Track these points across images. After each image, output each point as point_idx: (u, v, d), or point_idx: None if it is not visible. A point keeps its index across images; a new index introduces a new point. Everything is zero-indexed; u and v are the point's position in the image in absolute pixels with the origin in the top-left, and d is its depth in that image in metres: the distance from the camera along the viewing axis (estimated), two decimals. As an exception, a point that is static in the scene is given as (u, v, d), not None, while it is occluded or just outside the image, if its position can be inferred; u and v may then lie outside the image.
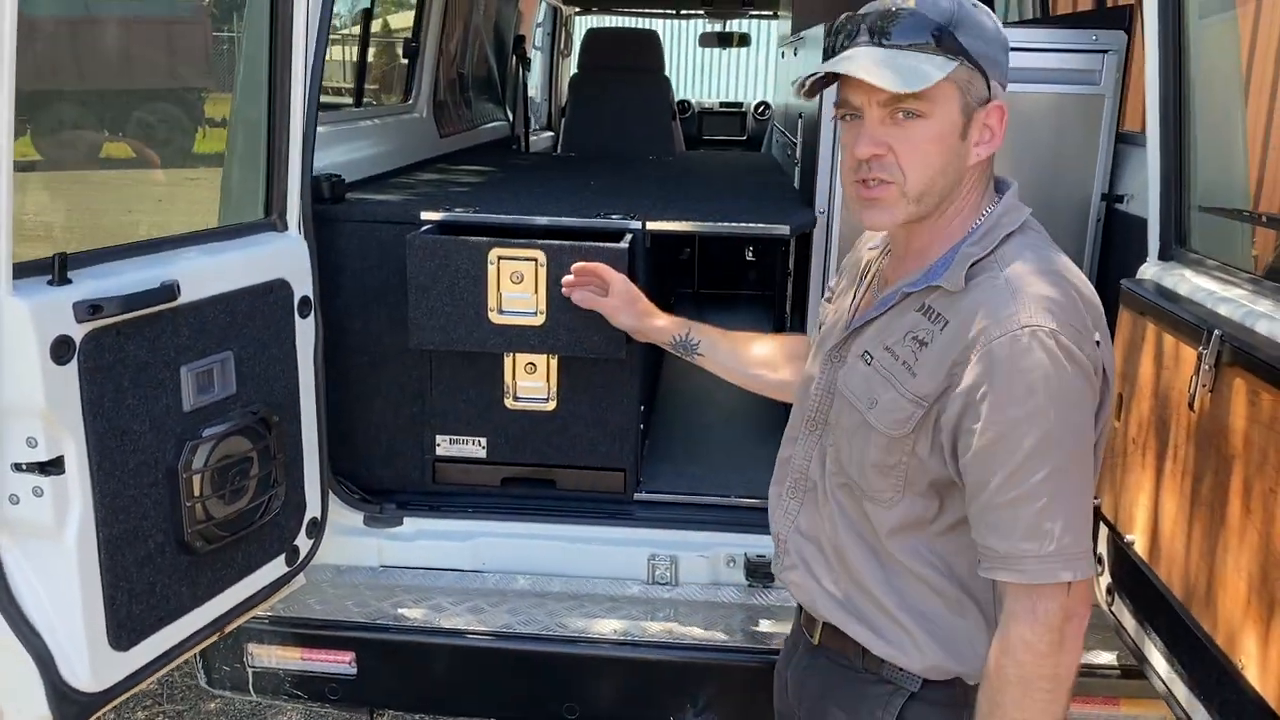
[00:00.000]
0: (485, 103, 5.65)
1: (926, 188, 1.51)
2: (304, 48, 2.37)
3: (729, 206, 3.22)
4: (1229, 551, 1.81)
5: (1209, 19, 2.37)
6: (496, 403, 2.84)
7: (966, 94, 1.47)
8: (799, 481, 1.79)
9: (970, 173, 1.53)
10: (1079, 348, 1.43)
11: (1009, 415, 1.42)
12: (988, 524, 1.49)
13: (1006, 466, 1.44)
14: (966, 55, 1.45)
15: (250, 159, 2.49)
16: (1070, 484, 1.45)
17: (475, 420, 2.88)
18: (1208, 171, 2.38)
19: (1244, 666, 1.75)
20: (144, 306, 1.99)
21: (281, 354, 2.41)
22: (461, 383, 2.86)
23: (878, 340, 1.60)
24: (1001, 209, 1.54)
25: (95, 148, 11.01)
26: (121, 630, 2.03)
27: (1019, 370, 1.42)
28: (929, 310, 1.52)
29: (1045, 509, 1.43)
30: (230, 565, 2.31)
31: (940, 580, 1.62)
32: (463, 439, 2.89)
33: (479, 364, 2.83)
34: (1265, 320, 1.84)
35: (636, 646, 2.57)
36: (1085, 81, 2.93)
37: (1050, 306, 1.44)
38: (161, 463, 2.09)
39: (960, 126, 1.49)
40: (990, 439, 1.44)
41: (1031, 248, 1.52)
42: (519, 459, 2.90)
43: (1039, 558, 1.44)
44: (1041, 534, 1.44)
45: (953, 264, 1.51)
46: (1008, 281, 1.46)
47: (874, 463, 1.59)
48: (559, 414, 2.82)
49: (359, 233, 2.83)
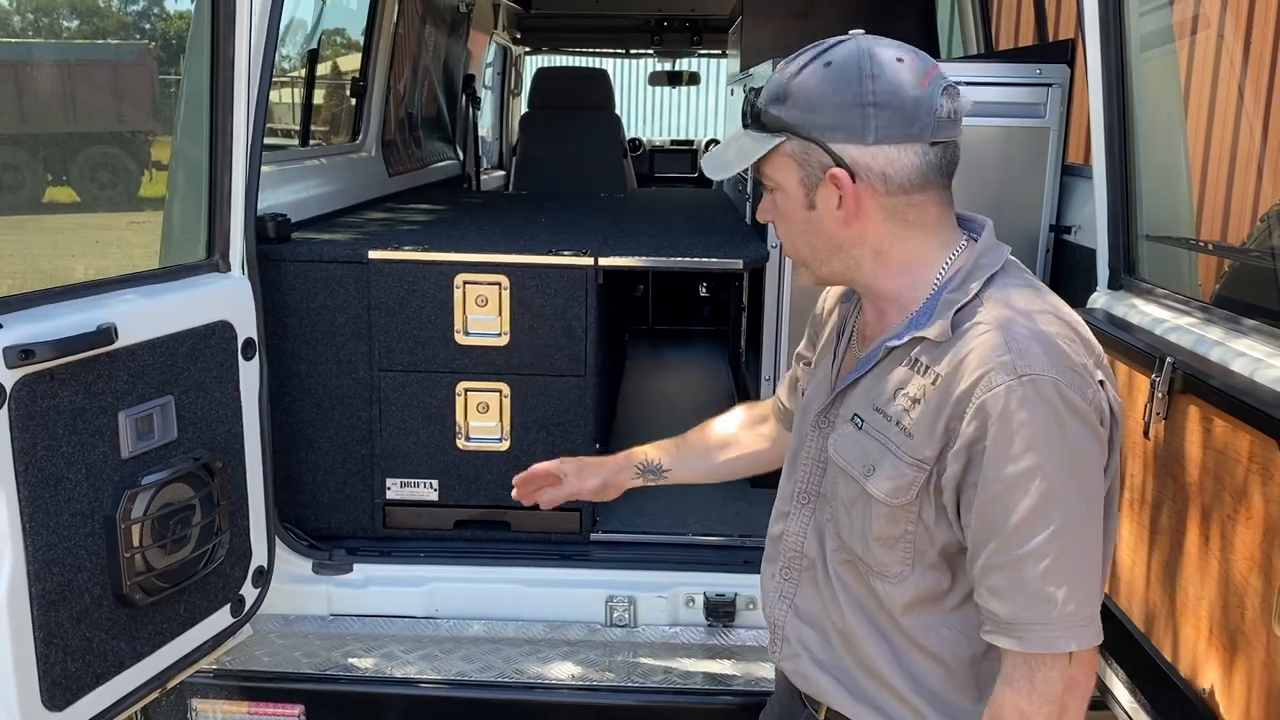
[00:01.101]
0: (435, 141, 5.62)
1: (798, 255, 1.53)
2: (246, 86, 2.33)
3: (682, 242, 3.21)
4: (1189, 580, 1.81)
5: (1149, 52, 2.40)
6: (448, 444, 2.80)
7: (804, 165, 1.44)
8: (794, 560, 1.65)
9: (860, 236, 1.46)
10: (1080, 394, 1.35)
11: (1007, 472, 1.34)
12: (988, 587, 1.39)
13: (1006, 526, 1.35)
14: (793, 130, 1.43)
15: (192, 199, 2.44)
16: (1076, 544, 1.35)
17: (426, 462, 2.82)
18: (1153, 201, 2.41)
19: (1208, 695, 1.74)
20: (79, 351, 1.92)
21: (225, 397, 2.35)
22: (411, 424, 2.81)
23: (866, 401, 1.51)
24: (980, 249, 1.46)
25: (37, 192, 10.84)
26: (56, 689, 1.94)
27: (1017, 423, 1.33)
28: (916, 363, 1.44)
29: (1048, 571, 1.34)
30: (172, 618, 2.23)
31: (956, 658, 1.51)
32: (414, 481, 2.83)
33: (429, 404, 2.79)
34: (1217, 348, 1.85)
35: (595, 691, 2.52)
36: (1030, 114, 2.97)
37: (1047, 351, 1.35)
38: (98, 512, 2.01)
39: (803, 198, 1.46)
40: (990, 497, 1.36)
41: (1018, 288, 1.44)
42: (472, 501, 2.85)
43: (1043, 625, 1.35)
44: (1045, 599, 1.34)
45: (935, 312, 1.43)
46: (998, 327, 1.37)
47: (878, 536, 1.48)
48: (512, 453, 2.77)
49: (305, 272, 2.78)
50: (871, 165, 1.41)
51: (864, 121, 1.39)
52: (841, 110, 1.40)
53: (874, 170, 1.41)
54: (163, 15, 13.11)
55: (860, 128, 1.39)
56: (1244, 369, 1.73)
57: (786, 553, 1.66)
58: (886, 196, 1.43)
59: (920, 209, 1.44)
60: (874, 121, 1.39)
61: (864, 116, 1.39)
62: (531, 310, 2.76)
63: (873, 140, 1.40)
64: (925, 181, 1.42)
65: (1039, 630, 1.35)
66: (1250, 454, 1.61)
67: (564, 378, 2.80)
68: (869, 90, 1.39)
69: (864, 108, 1.39)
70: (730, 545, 2.93)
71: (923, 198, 1.44)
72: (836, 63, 1.41)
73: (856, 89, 1.39)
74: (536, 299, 2.76)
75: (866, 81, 1.39)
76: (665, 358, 5.51)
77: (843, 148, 1.41)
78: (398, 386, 2.80)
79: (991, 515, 1.36)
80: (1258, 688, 1.59)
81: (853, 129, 1.40)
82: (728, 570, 2.78)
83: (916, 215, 1.45)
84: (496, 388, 2.78)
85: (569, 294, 2.76)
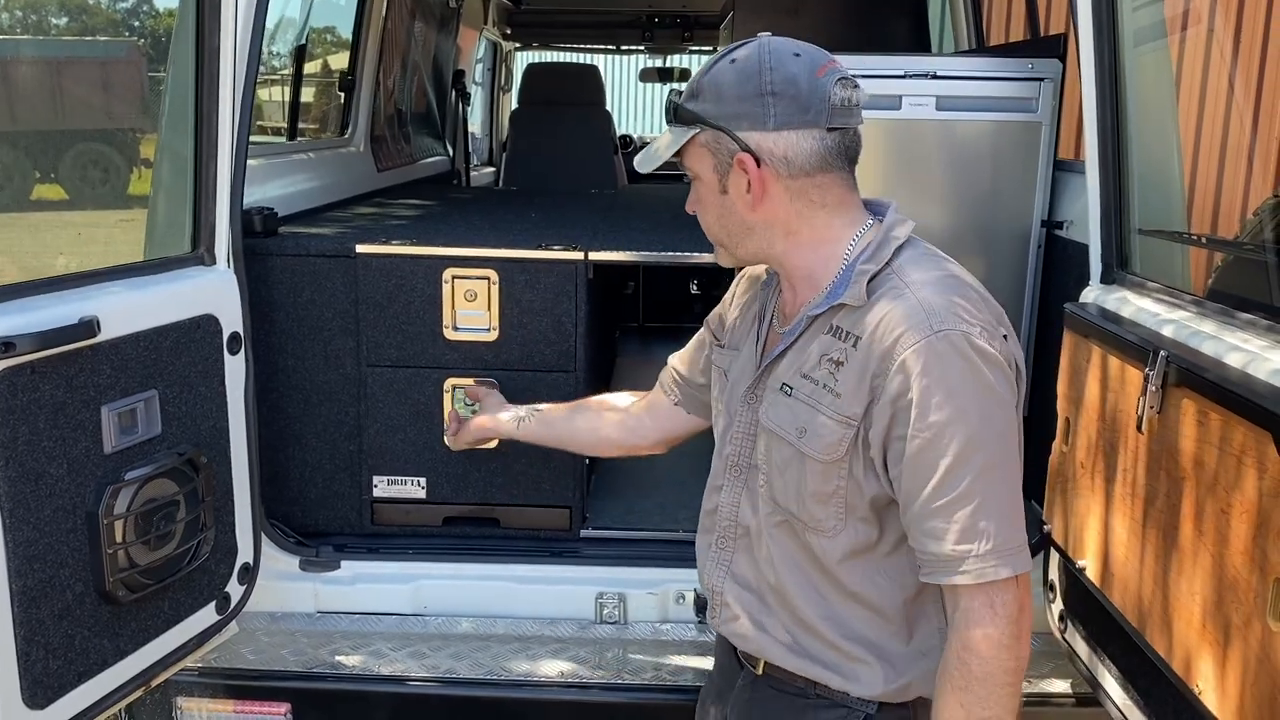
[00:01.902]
0: (424, 137, 5.59)
1: (715, 237, 1.68)
2: (232, 76, 2.30)
3: (673, 237, 3.19)
4: (1182, 575, 1.79)
5: (1142, 47, 2.39)
6: (436, 440, 2.77)
7: (716, 154, 1.58)
8: (729, 529, 1.77)
9: (769, 216, 1.59)
10: (990, 345, 1.48)
11: (932, 420, 1.46)
12: (923, 531, 1.51)
13: (936, 472, 1.47)
14: (704, 120, 1.57)
15: (177, 191, 2.41)
16: (999, 481, 1.49)
17: (414, 459, 2.80)
18: (1145, 195, 2.40)
19: (1201, 691, 1.72)
20: (61, 344, 1.89)
21: (210, 392, 2.32)
22: (399, 420, 2.78)
23: (793, 370, 1.62)
24: (888, 224, 1.60)
25: (24, 190, 10.78)
26: (37, 688, 1.91)
27: (938, 375, 1.45)
28: (837, 330, 1.56)
29: (978, 509, 1.46)
30: (156, 615, 2.21)
31: (890, 603, 1.63)
32: (401, 479, 2.81)
33: (417, 400, 2.77)
34: (1210, 341, 1.84)
35: (585, 688, 2.49)
36: (1022, 109, 2.96)
37: (957, 309, 1.48)
38: (80, 508, 1.98)
39: (716, 184, 1.61)
40: (917, 446, 1.47)
41: (925, 256, 1.59)
42: (461, 498, 2.83)
43: (978, 558, 1.47)
44: (976, 534, 1.46)
45: (850, 281, 1.56)
46: (911, 289, 1.51)
47: (812, 492, 1.60)
48: (501, 449, 2.75)
49: (292, 266, 2.75)
50: (774, 150, 1.54)
51: (764, 109, 1.53)
52: (744, 100, 1.54)
53: (776, 154, 1.55)
54: (152, 12, 13.06)
55: (762, 115, 1.53)
56: (1238, 362, 1.72)
57: (721, 523, 1.78)
58: (790, 179, 1.56)
59: (823, 190, 1.58)
60: (773, 109, 1.53)
61: (764, 105, 1.53)
62: (521, 305, 2.74)
63: (773, 126, 1.53)
64: (825, 164, 1.56)
65: (978, 561, 1.47)
66: (1244, 447, 1.60)
67: (553, 373, 2.78)
68: (767, 81, 1.53)
69: (763, 97, 1.53)
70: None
71: (825, 179, 1.57)
72: (740, 59, 1.56)
73: (756, 80, 1.53)
74: (526, 294, 2.74)
75: (765, 73, 1.53)
76: (656, 355, 5.46)
77: (748, 134, 1.55)
78: (385, 382, 2.77)
79: (920, 465, 1.48)
80: (1251, 683, 1.58)
81: (755, 117, 1.54)
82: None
83: (820, 196, 1.58)
84: (485, 384, 2.76)
85: (559, 289, 2.74)
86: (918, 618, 1.64)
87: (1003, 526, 1.48)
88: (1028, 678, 2.51)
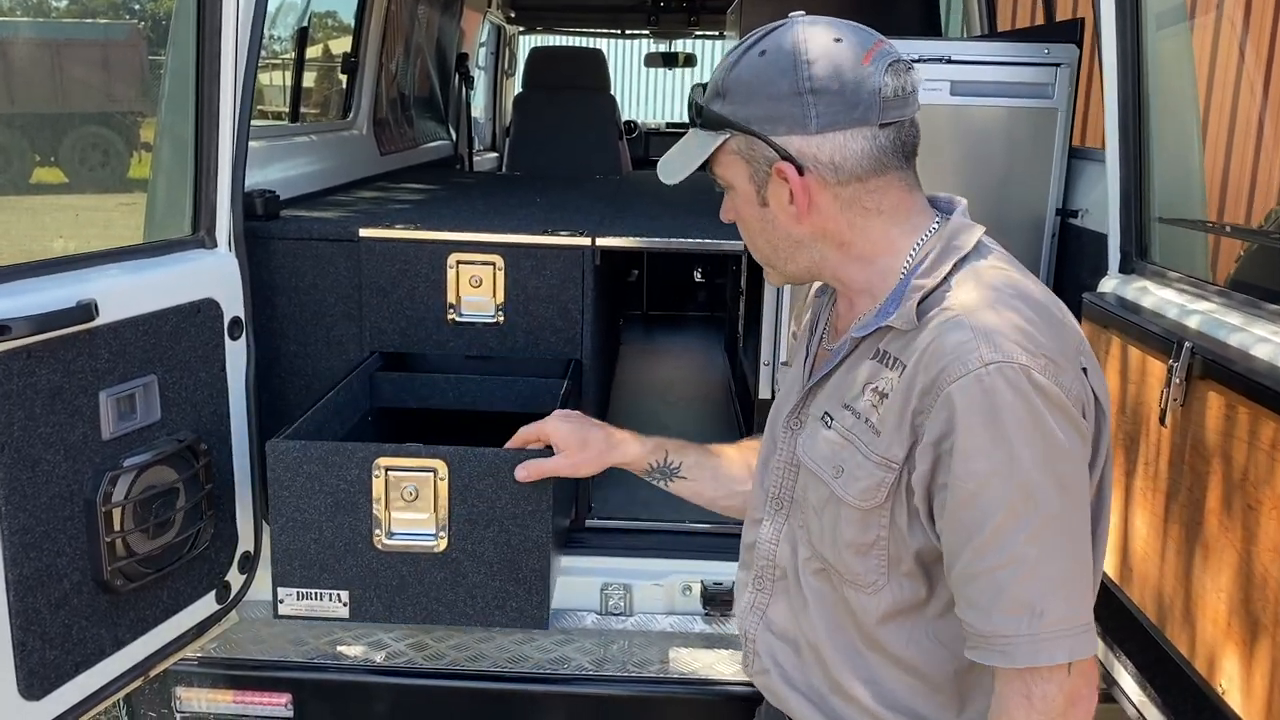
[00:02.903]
0: (427, 121, 5.53)
1: (761, 255, 1.47)
2: (233, 56, 2.25)
3: (680, 224, 3.14)
4: (1207, 571, 1.75)
5: (1164, 30, 2.34)
6: (362, 539, 2.08)
7: (751, 162, 1.38)
8: (766, 570, 1.57)
9: (817, 228, 1.39)
10: (1057, 382, 1.24)
11: (977, 469, 1.23)
12: (966, 598, 1.29)
13: (982, 530, 1.24)
14: (733, 125, 1.37)
15: (177, 173, 2.37)
16: (1058, 545, 1.24)
17: (334, 566, 2.12)
18: (1166, 183, 2.35)
19: (1225, 691, 1.69)
20: (57, 327, 1.85)
21: (210, 378, 2.27)
22: (312, 514, 2.06)
23: (836, 398, 1.43)
24: (950, 231, 1.38)
25: (24, 173, 10.73)
26: (33, 678, 1.88)
27: (986, 416, 1.22)
28: (884, 356, 1.35)
29: (1031, 577, 1.23)
30: (155, 604, 2.17)
31: (939, 670, 1.41)
32: (314, 593, 2.14)
33: (335, 487, 2.05)
34: (1236, 332, 1.79)
35: (590, 681, 2.46)
36: (1038, 95, 2.90)
37: (1017, 337, 1.24)
38: (78, 495, 1.94)
39: (754, 195, 1.40)
40: (962, 499, 1.25)
41: (989, 270, 1.35)
42: (398, 615, 2.18)
43: (1029, 637, 1.23)
44: (1028, 608, 1.23)
45: (903, 299, 1.35)
46: (965, 312, 1.28)
47: (849, 542, 1.39)
48: (450, 557, 2.11)
49: (294, 250, 2.70)
50: (818, 155, 1.33)
51: (804, 110, 1.32)
52: (779, 100, 1.33)
53: (821, 160, 1.33)
54: (153, -6, 13.00)
55: (801, 116, 1.32)
56: (1266, 354, 1.67)
57: (759, 561, 1.58)
58: (839, 186, 1.35)
59: (879, 195, 1.37)
60: (814, 109, 1.32)
61: (803, 105, 1.32)
62: (527, 291, 2.70)
63: (816, 128, 1.32)
64: (879, 166, 1.35)
65: (1025, 643, 1.24)
66: (1275, 441, 1.56)
67: (559, 360, 2.73)
68: (805, 76, 1.32)
69: (801, 95, 1.32)
70: (728, 533, 2.86)
71: (879, 182, 1.36)
72: (770, 51, 1.34)
73: (792, 76, 1.32)
74: (532, 280, 2.69)
75: (802, 67, 1.32)
76: (660, 343, 5.44)
77: (786, 139, 1.34)
78: (294, 462, 2.43)
79: (965, 519, 1.25)
80: (1278, 684, 1.54)
81: (793, 119, 1.33)
82: (725, 559, 2.71)
83: (875, 201, 1.37)
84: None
85: (565, 275, 2.69)
86: (972, 689, 1.41)
87: (1059, 600, 1.23)
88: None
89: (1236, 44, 4.64)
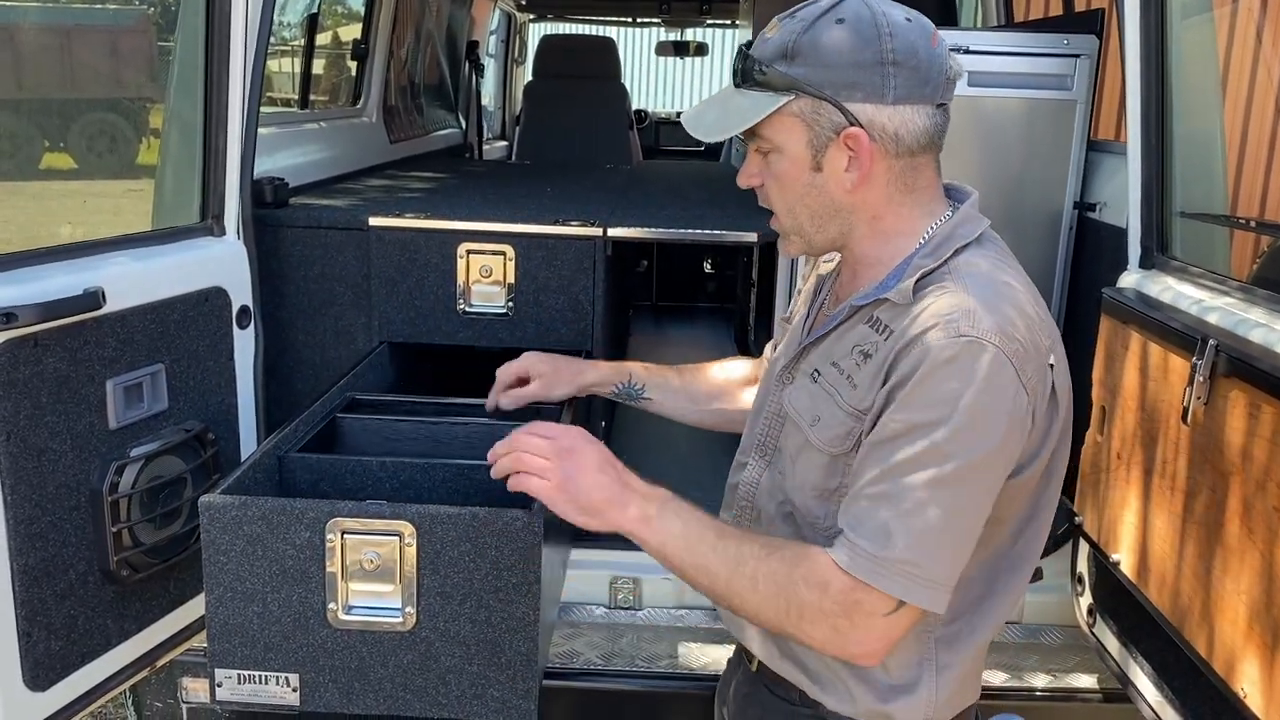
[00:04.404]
0: (437, 109, 5.50)
1: (793, 222, 1.48)
2: (243, 40, 2.23)
3: (692, 214, 3.11)
4: (1228, 573, 1.72)
5: (1189, 19, 2.30)
6: (314, 614, 1.78)
7: (813, 125, 1.39)
8: (745, 510, 1.64)
9: (861, 199, 1.43)
10: (1021, 370, 1.30)
11: (912, 418, 1.30)
12: (845, 510, 1.35)
13: (887, 463, 1.31)
14: (804, 88, 1.37)
15: (186, 159, 2.34)
16: (945, 506, 1.29)
17: (281, 645, 1.80)
18: (1187, 177, 2.32)
19: (1246, 696, 1.66)
20: (64, 315, 1.82)
21: (218, 367, 2.25)
22: (254, 584, 1.69)
23: (826, 357, 1.50)
24: (958, 219, 1.44)
25: (34, 158, 10.71)
26: (39, 669, 1.86)
27: (939, 378, 1.29)
28: (876, 323, 1.42)
29: (905, 515, 1.29)
30: (162, 594, 2.15)
31: None
32: (258, 675, 1.85)
33: (280, 552, 1.70)
34: (1261, 329, 1.76)
35: (600, 676, 2.44)
36: (1056, 86, 2.87)
37: (1000, 322, 1.31)
38: (84, 485, 1.92)
39: (809, 159, 1.41)
40: (885, 434, 1.32)
41: (987, 259, 1.42)
42: (357, 706, 1.83)
43: (876, 558, 1.29)
44: (888, 535, 1.29)
45: (903, 276, 1.41)
46: (957, 291, 1.35)
47: (814, 486, 1.46)
48: (420, 635, 1.75)
49: (303, 238, 2.68)
50: (887, 126, 1.37)
51: (884, 80, 1.35)
52: (861, 68, 1.35)
53: (888, 131, 1.38)
54: (161, -20, 12.95)
55: (880, 87, 1.36)
56: (1294, 352, 1.64)
57: (739, 502, 1.65)
58: (895, 159, 1.40)
59: (917, 173, 1.43)
60: (894, 80, 1.36)
61: (884, 75, 1.35)
62: (537, 282, 2.67)
63: (892, 99, 1.36)
64: (929, 144, 1.41)
65: (869, 560, 1.30)
66: (1302, 442, 1.52)
67: (569, 352, 2.70)
68: (889, 49, 1.35)
69: (883, 66, 1.35)
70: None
71: (922, 160, 1.42)
72: (850, 19, 1.36)
73: (876, 47, 1.35)
74: (543, 270, 2.66)
75: (885, 39, 1.35)
76: (670, 334, 5.42)
77: (860, 107, 1.37)
78: (230, 522, 2.28)
79: (878, 451, 1.33)
80: (1302, 688, 1.51)
81: (871, 88, 1.36)
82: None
83: (914, 179, 1.43)
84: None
85: (576, 265, 2.66)
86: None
87: (919, 547, 1.29)
88: (1053, 671, 2.46)
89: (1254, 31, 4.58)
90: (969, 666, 1.50)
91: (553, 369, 2.00)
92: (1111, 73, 4.00)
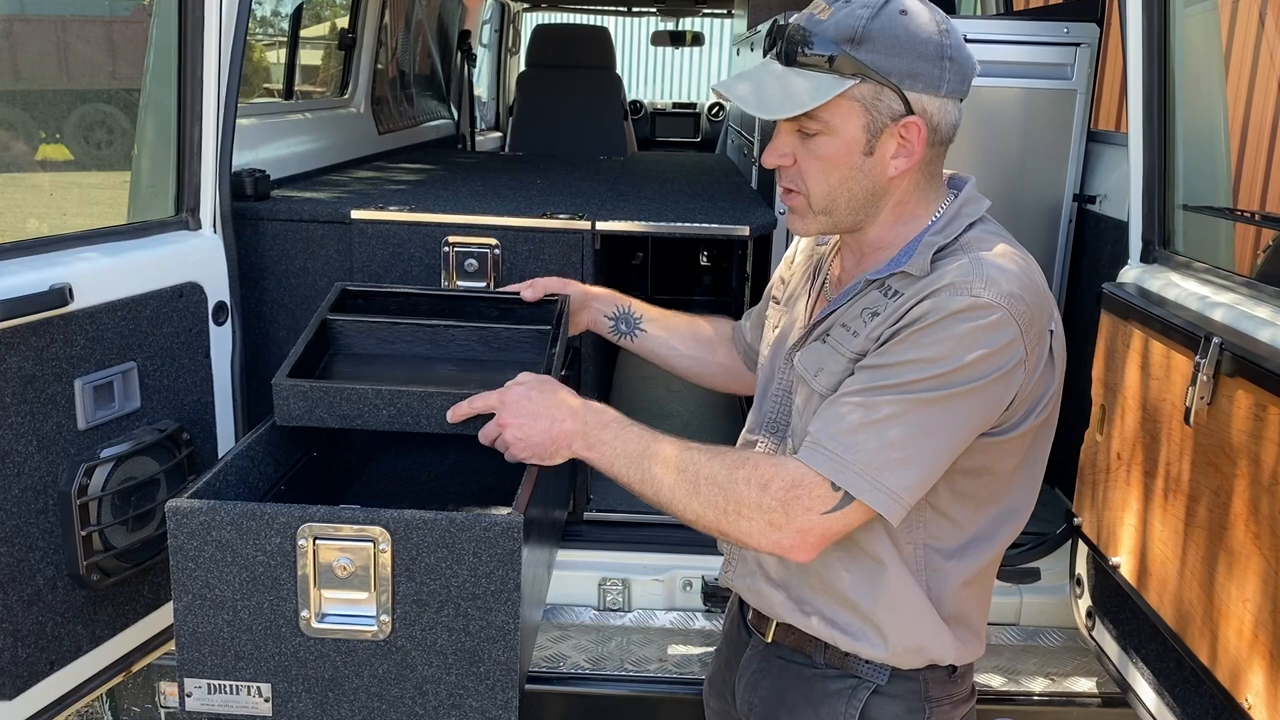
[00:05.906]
0: (428, 99, 5.43)
1: (829, 202, 1.51)
2: (218, 25, 2.16)
3: (686, 207, 3.05)
4: (1232, 579, 1.66)
5: (1193, 6, 2.24)
6: (285, 622, 2.08)
7: (872, 111, 1.43)
8: None
9: (895, 184, 1.49)
10: (1026, 331, 1.39)
11: (907, 356, 1.38)
12: (821, 415, 1.44)
13: (871, 383, 1.40)
14: (869, 73, 1.41)
15: (161, 150, 2.28)
16: (915, 429, 1.37)
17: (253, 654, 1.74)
18: (1190, 168, 2.25)
19: (1251, 706, 1.60)
20: (29, 313, 1.77)
21: (194, 365, 2.19)
22: (224, 590, 1.64)
23: (836, 323, 1.56)
24: (963, 199, 1.52)
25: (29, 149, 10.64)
26: (5, 677, 1.81)
27: (949, 324, 1.37)
28: (887, 289, 1.49)
29: (875, 426, 1.37)
30: (135, 599, 2.09)
31: (901, 562, 1.53)
32: (228, 685, 1.77)
33: (251, 558, 1.62)
34: (1267, 327, 1.70)
35: (587, 680, 2.39)
36: (1056, 76, 2.81)
37: (1011, 287, 1.39)
38: (51, 488, 1.87)
39: (862, 144, 1.45)
40: (882, 361, 1.41)
41: (996, 235, 1.50)
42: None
43: (836, 455, 1.38)
44: (855, 439, 1.38)
45: (916, 251, 1.48)
46: (973, 260, 1.43)
47: None
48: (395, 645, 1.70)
49: (283, 232, 2.61)
50: (934, 116, 1.44)
51: (941, 72, 1.42)
52: (924, 59, 1.41)
53: (934, 122, 1.44)
54: (155, -32, 12.86)
55: (938, 78, 1.42)
56: (1301, 351, 1.58)
57: None
58: (931, 148, 1.46)
59: (938, 162, 1.51)
60: (949, 73, 1.43)
61: (941, 67, 1.42)
62: (524, 276, 2.59)
63: (944, 91, 1.43)
64: (953, 136, 1.49)
65: (831, 457, 1.38)
66: (1310, 445, 1.47)
67: None
68: (948, 43, 1.42)
69: (942, 60, 1.42)
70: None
71: (943, 151, 1.50)
72: (911, 11, 1.42)
73: (938, 40, 1.41)
74: (529, 265, 2.60)
75: (944, 34, 1.42)
76: None
77: (917, 97, 1.42)
78: (198, 528, 2.27)
79: (867, 372, 1.42)
80: (1309, 700, 1.46)
81: (930, 79, 1.42)
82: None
83: (935, 168, 1.51)
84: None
85: (564, 259, 2.60)
86: (931, 577, 1.54)
87: (883, 456, 1.37)
88: (1051, 675, 2.41)
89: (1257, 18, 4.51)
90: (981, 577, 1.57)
91: (561, 286, 2.13)
92: (1113, 61, 3.94)
